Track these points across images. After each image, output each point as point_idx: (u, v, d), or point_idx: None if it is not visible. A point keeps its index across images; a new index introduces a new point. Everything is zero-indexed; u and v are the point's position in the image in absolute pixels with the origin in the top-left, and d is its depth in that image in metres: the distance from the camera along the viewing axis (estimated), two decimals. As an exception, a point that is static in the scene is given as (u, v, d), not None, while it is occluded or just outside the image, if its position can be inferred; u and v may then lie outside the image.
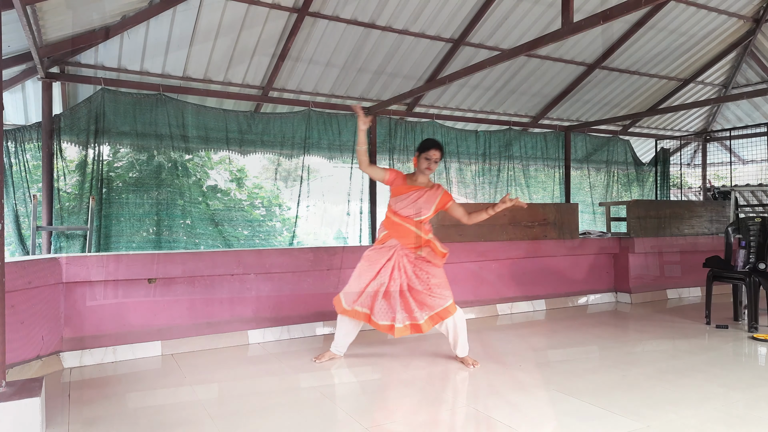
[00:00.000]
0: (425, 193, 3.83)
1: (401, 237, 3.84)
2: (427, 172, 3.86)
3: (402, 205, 3.83)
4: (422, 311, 3.71)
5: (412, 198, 3.81)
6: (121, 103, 6.42)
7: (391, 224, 3.88)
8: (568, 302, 6.26)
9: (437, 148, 3.84)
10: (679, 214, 7.09)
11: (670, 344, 4.37)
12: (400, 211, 3.84)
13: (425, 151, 3.83)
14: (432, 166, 3.84)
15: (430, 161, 3.82)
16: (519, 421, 2.77)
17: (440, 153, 3.86)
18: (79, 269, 3.92)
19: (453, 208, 3.95)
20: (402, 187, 3.86)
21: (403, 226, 3.83)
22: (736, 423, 2.75)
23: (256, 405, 3.08)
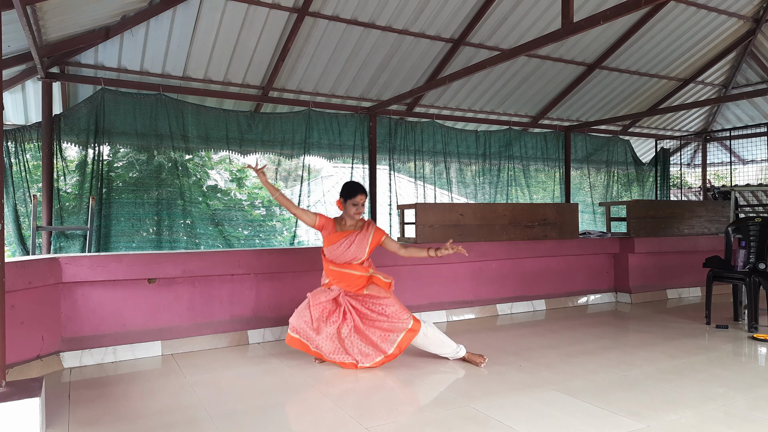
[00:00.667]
0: (356, 237, 3.76)
1: (343, 283, 3.79)
2: (356, 217, 3.80)
3: (336, 254, 3.76)
4: (388, 342, 3.69)
5: (345, 245, 3.74)
6: (121, 103, 6.42)
7: (331, 273, 3.82)
8: (568, 302, 6.26)
9: (363, 193, 3.77)
10: (679, 214, 7.09)
11: (670, 344, 4.37)
12: (335, 260, 3.78)
13: (352, 197, 3.75)
14: (360, 210, 3.78)
15: (358, 206, 3.76)
16: (519, 421, 2.77)
17: (366, 195, 3.79)
18: (79, 269, 3.92)
19: (387, 243, 3.87)
20: (333, 236, 3.78)
21: (343, 272, 3.77)
22: (736, 423, 2.75)
23: (256, 405, 3.08)
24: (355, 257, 3.77)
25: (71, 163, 6.44)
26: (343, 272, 3.78)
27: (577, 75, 8.71)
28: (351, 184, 3.83)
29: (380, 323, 3.72)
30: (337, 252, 3.75)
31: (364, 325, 3.72)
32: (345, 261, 3.77)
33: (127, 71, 6.49)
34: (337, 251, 3.75)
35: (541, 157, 9.69)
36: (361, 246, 3.76)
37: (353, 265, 3.78)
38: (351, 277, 3.78)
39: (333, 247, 3.76)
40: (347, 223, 3.84)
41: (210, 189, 7.29)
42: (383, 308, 3.74)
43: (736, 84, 10.39)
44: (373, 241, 3.81)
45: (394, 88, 7.91)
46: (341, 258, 3.76)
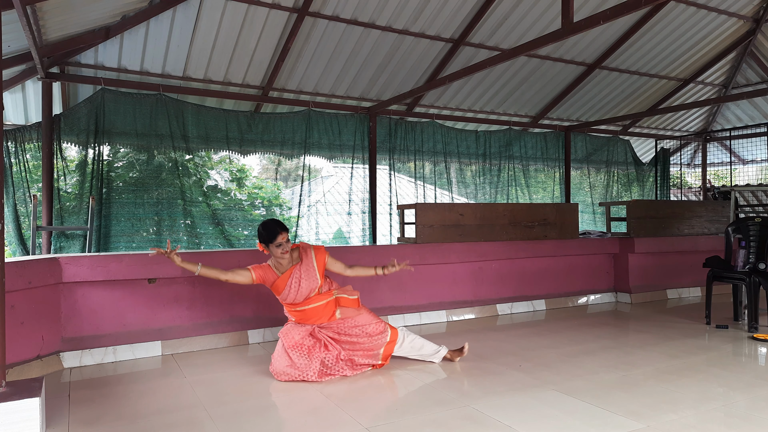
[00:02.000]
0: (302, 270, 3.55)
1: (312, 320, 3.61)
2: (285, 256, 3.54)
3: (291, 296, 3.55)
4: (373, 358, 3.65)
5: (295, 285, 3.53)
6: (121, 103, 6.42)
7: (295, 314, 3.63)
8: (568, 302, 6.26)
9: (282, 231, 3.50)
10: (679, 214, 7.09)
11: (670, 344, 4.37)
12: (294, 302, 3.58)
13: (273, 241, 3.48)
14: (286, 248, 3.50)
15: (282, 245, 3.49)
16: (519, 421, 2.77)
17: (286, 232, 3.53)
18: (79, 269, 3.92)
19: (331, 264, 3.70)
20: (278, 282, 3.55)
21: (308, 309, 3.58)
22: (736, 423, 2.75)
23: (256, 405, 3.08)
24: (311, 290, 3.56)
25: (71, 163, 6.43)
26: (307, 309, 3.58)
27: (577, 75, 8.71)
28: (266, 225, 3.54)
29: (361, 344, 3.62)
30: (292, 294, 3.54)
31: (347, 351, 3.59)
32: (304, 297, 3.56)
33: (127, 71, 6.49)
34: (291, 293, 3.54)
35: (541, 157, 9.69)
36: (310, 276, 3.56)
37: (314, 297, 3.58)
38: (317, 310, 3.59)
39: (285, 292, 3.55)
40: (284, 263, 3.59)
41: (210, 189, 7.29)
42: (361, 329, 3.64)
43: (736, 84, 10.39)
44: (319, 264, 3.61)
45: (394, 88, 7.91)
46: (298, 297, 3.56)
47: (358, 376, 3.59)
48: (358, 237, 8.06)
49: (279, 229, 3.51)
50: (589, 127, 9.68)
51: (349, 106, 7.88)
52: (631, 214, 6.64)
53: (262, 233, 3.53)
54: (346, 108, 7.81)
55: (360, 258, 5.04)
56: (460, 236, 5.65)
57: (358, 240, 8.02)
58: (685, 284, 6.94)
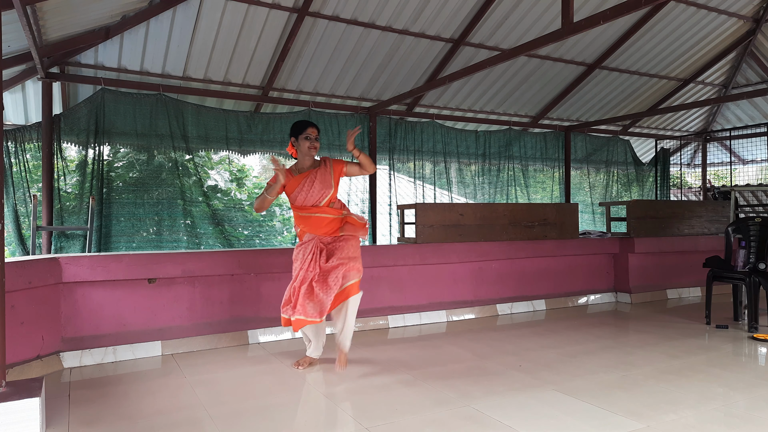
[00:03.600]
0: (318, 173, 3.60)
1: (315, 228, 3.63)
2: (312, 153, 3.61)
3: (301, 198, 3.59)
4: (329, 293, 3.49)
5: (307, 185, 3.57)
6: (121, 103, 6.42)
7: (300, 219, 3.66)
8: (568, 302, 6.26)
9: (313, 126, 3.62)
10: (679, 214, 7.09)
11: (670, 344, 4.37)
12: (303, 205, 3.61)
13: (302, 132, 3.59)
14: (315, 144, 3.60)
15: (311, 139, 3.59)
16: (519, 421, 2.77)
17: (317, 129, 3.61)
18: (79, 269, 3.92)
19: (351, 170, 3.70)
20: (292, 181, 3.59)
21: (313, 216, 3.61)
22: (736, 423, 2.75)
23: (256, 405, 3.08)
24: (323, 195, 3.59)
25: (71, 163, 6.44)
26: (312, 216, 3.60)
27: (577, 75, 8.71)
28: (299, 121, 3.68)
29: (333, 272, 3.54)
30: (302, 194, 3.58)
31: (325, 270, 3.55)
32: (313, 203, 3.59)
33: (127, 71, 6.49)
34: (301, 193, 3.58)
35: (540, 157, 9.69)
36: (325, 181, 3.59)
37: (322, 207, 3.61)
38: (322, 220, 3.61)
39: (296, 191, 3.58)
40: (305, 164, 3.65)
41: (210, 189, 7.29)
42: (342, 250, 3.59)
43: (736, 84, 10.39)
44: (336, 173, 3.65)
45: (394, 88, 7.91)
46: (308, 200, 3.59)
47: (357, 374, 3.58)
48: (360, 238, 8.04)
49: (311, 123, 3.65)
50: (589, 127, 9.68)
51: (349, 106, 7.88)
52: (631, 214, 6.65)
53: (294, 127, 3.65)
54: (346, 108, 7.81)
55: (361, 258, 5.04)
56: (460, 236, 5.65)
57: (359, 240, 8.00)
58: (685, 284, 6.95)
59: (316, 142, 3.63)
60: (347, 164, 3.72)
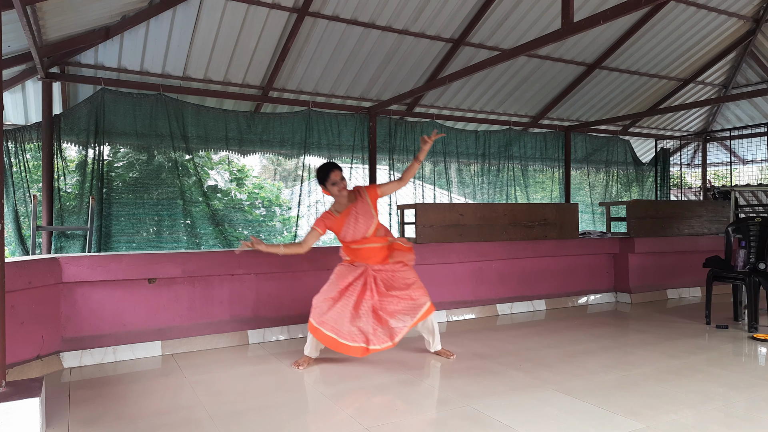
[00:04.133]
0: (358, 208, 3.75)
1: (366, 259, 3.81)
2: (343, 193, 3.75)
3: (350, 234, 3.75)
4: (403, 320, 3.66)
5: (351, 224, 3.73)
6: (121, 103, 6.42)
7: (351, 251, 3.85)
8: (568, 302, 6.26)
9: (335, 169, 3.71)
10: (679, 214, 7.09)
11: (670, 344, 4.37)
12: (353, 239, 3.77)
13: (327, 178, 3.70)
14: (342, 185, 3.72)
15: (337, 184, 3.70)
16: (519, 421, 2.77)
17: (340, 170, 3.72)
18: (79, 269, 3.92)
19: (385, 189, 3.86)
20: (338, 222, 3.75)
21: (363, 249, 3.79)
22: (736, 423, 2.75)
23: (256, 405, 3.08)
24: (368, 226, 3.74)
25: (71, 163, 6.44)
26: (363, 248, 3.77)
27: (577, 75, 8.71)
28: (320, 168, 3.75)
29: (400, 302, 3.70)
30: (350, 232, 3.74)
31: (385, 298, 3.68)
32: (361, 236, 3.75)
33: (127, 71, 6.49)
34: (350, 231, 3.74)
35: (540, 157, 9.70)
36: (366, 213, 3.74)
37: (370, 238, 3.77)
38: (372, 250, 3.78)
39: (344, 230, 3.75)
40: (342, 203, 3.79)
41: (210, 189, 7.29)
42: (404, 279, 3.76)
43: (736, 84, 10.39)
44: (372, 199, 3.79)
45: (394, 88, 7.91)
46: (356, 235, 3.74)
47: (357, 374, 3.59)
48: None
49: (331, 167, 3.69)
50: (589, 127, 9.68)
51: (349, 106, 7.88)
52: (631, 214, 6.65)
53: (318, 175, 3.74)
54: (346, 108, 7.81)
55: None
56: (460, 236, 5.65)
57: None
58: (685, 284, 6.95)
59: (343, 182, 3.73)
60: (379, 187, 3.87)
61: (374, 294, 3.71)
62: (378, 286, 3.74)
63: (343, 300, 3.67)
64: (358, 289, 3.69)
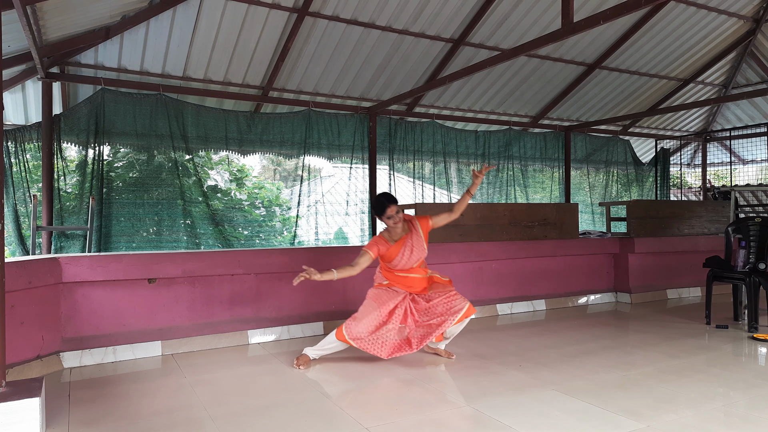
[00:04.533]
0: (413, 239, 3.80)
1: (407, 287, 3.86)
2: (398, 226, 3.78)
3: (402, 263, 3.81)
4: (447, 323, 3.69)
5: (406, 254, 3.78)
6: (121, 103, 6.42)
7: (394, 278, 3.87)
8: (568, 302, 6.26)
9: (391, 203, 3.72)
10: (679, 214, 7.09)
11: (670, 344, 4.37)
12: (402, 267, 3.83)
13: (383, 213, 3.73)
14: (397, 219, 3.74)
15: (393, 218, 3.73)
16: (519, 421, 2.77)
17: (395, 205, 3.73)
18: (79, 269, 3.92)
19: (436, 222, 3.92)
20: (392, 249, 3.78)
21: (407, 277, 3.85)
22: (737, 423, 2.75)
23: (256, 405, 3.08)
24: (419, 258, 3.82)
25: (71, 163, 6.44)
26: (408, 277, 3.84)
27: (577, 75, 8.72)
28: (377, 200, 3.79)
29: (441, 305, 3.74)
30: (402, 261, 3.80)
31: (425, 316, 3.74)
32: (409, 266, 3.82)
33: (127, 71, 6.49)
34: (402, 260, 3.79)
35: (540, 157, 9.70)
36: (419, 246, 3.81)
37: (415, 269, 3.85)
38: (414, 280, 3.85)
39: (397, 260, 3.79)
40: (397, 232, 3.83)
41: (210, 189, 7.29)
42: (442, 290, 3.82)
43: (736, 84, 10.40)
44: (425, 233, 3.86)
45: (394, 88, 7.91)
46: (407, 264, 3.81)
47: (357, 374, 3.59)
48: (358, 237, 8.06)
49: (387, 202, 3.71)
50: (589, 127, 9.69)
51: (349, 106, 7.88)
52: (632, 214, 6.65)
53: (374, 208, 3.82)
54: (346, 108, 7.81)
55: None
56: (460, 236, 5.65)
57: (358, 240, 8.02)
58: (685, 284, 6.95)
59: (398, 216, 3.75)
60: (431, 218, 3.93)
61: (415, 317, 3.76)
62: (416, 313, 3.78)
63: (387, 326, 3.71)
64: (400, 316, 3.74)
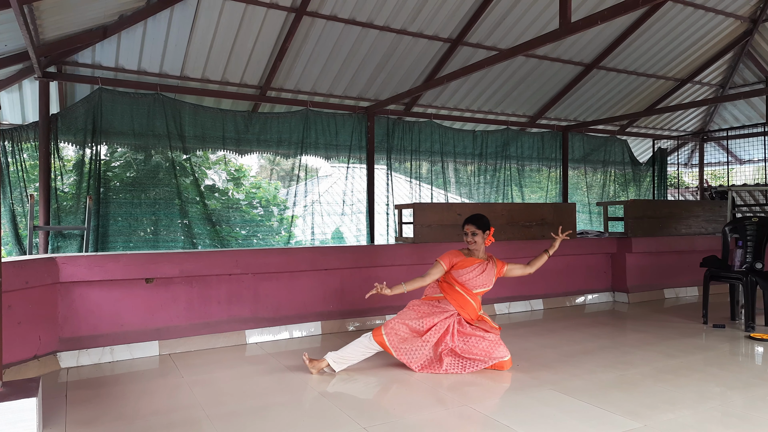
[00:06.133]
0: (487, 267, 3.89)
1: (460, 307, 3.83)
2: (471, 246, 3.90)
3: (467, 277, 3.83)
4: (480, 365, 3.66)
5: (478, 271, 3.84)
6: (118, 103, 6.41)
7: (452, 292, 3.85)
8: (566, 302, 6.27)
9: (469, 223, 3.89)
10: (676, 213, 7.11)
11: (668, 344, 4.38)
12: (465, 283, 3.84)
13: (463, 227, 3.93)
14: (470, 239, 3.87)
15: (468, 235, 3.89)
16: (517, 420, 2.78)
17: (476, 226, 3.85)
18: (76, 269, 3.91)
19: (509, 270, 4.03)
20: (465, 261, 3.86)
21: (464, 297, 3.84)
22: (734, 422, 2.76)
23: (253, 405, 3.08)
24: (483, 285, 3.87)
25: (68, 162, 6.42)
26: (464, 296, 3.85)
27: (575, 75, 8.73)
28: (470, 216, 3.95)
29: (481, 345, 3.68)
30: (469, 276, 3.83)
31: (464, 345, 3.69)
32: (472, 287, 3.85)
33: (125, 71, 6.48)
34: (469, 275, 3.83)
35: (537, 157, 9.71)
36: (489, 275, 3.88)
37: (474, 294, 3.88)
38: (469, 304, 3.86)
39: (465, 271, 3.83)
40: (476, 253, 3.92)
41: (207, 189, 7.28)
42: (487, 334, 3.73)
43: (733, 84, 10.42)
44: (497, 273, 3.97)
45: (392, 88, 7.91)
46: (471, 282, 3.84)
47: (356, 374, 3.59)
48: (356, 237, 8.06)
49: (469, 221, 3.92)
50: (587, 127, 9.70)
51: (347, 105, 7.88)
52: (629, 214, 6.65)
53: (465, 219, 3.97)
54: (344, 108, 7.80)
55: (358, 258, 5.05)
56: (457, 236, 5.65)
57: (355, 240, 8.02)
58: (682, 284, 6.96)
59: (472, 237, 3.88)
60: (507, 265, 4.04)
61: (454, 338, 3.72)
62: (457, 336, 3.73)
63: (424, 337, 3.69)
64: (439, 333, 3.73)
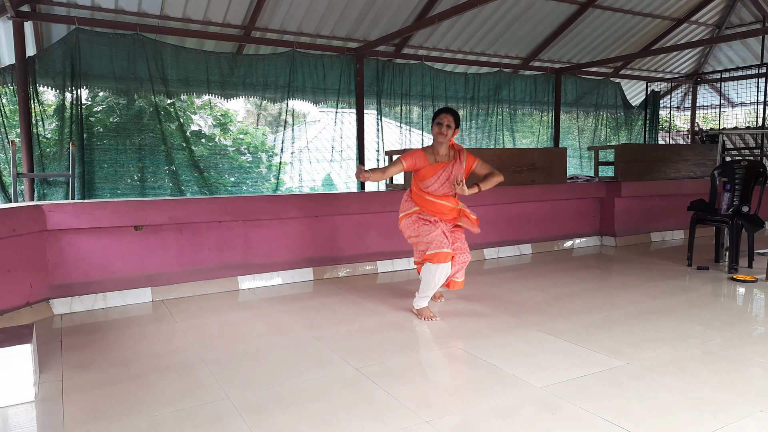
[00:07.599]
0: (452, 168, 3.69)
1: (437, 213, 3.74)
2: (439, 138, 3.65)
3: (434, 187, 3.69)
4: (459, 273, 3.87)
5: (442, 178, 3.67)
6: (96, 44, 6.15)
7: (424, 202, 3.74)
8: (554, 246, 6.35)
9: (447, 112, 3.65)
10: (666, 157, 7.11)
11: (652, 285, 4.48)
12: (433, 192, 3.71)
13: (436, 117, 3.67)
14: (443, 131, 3.61)
15: (441, 126, 3.62)
16: (504, 359, 2.86)
17: (452, 116, 3.63)
18: (63, 217, 3.87)
19: (479, 170, 3.83)
20: (428, 169, 3.67)
21: (437, 203, 3.72)
22: (712, 360, 2.86)
23: (247, 348, 3.14)
24: (452, 190, 3.72)
25: (49, 107, 6.23)
26: (438, 203, 3.72)
27: (570, 14, 8.47)
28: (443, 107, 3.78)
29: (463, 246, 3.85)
30: (436, 184, 3.68)
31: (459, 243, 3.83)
32: (442, 193, 3.71)
33: (102, 9, 6.18)
34: (436, 183, 3.68)
35: (530, 100, 9.57)
36: (458, 173, 3.69)
37: (448, 197, 3.74)
38: (445, 208, 3.74)
39: (431, 180, 3.67)
40: (440, 152, 3.70)
41: (193, 134, 7.13)
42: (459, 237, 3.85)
43: (730, 24, 10.20)
44: (467, 170, 3.76)
45: (381, 28, 7.65)
46: (439, 190, 3.70)
47: (347, 317, 3.65)
48: (345, 183, 8.01)
49: (445, 111, 3.69)
50: (580, 69, 9.52)
51: (335, 47, 7.63)
52: (619, 158, 6.65)
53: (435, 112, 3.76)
54: (332, 49, 7.56)
55: (348, 204, 5.03)
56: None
57: (346, 187, 7.98)
58: (669, 227, 7.06)
59: (447, 129, 3.62)
60: (478, 161, 3.81)
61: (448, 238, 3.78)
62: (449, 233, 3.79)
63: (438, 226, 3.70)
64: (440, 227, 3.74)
